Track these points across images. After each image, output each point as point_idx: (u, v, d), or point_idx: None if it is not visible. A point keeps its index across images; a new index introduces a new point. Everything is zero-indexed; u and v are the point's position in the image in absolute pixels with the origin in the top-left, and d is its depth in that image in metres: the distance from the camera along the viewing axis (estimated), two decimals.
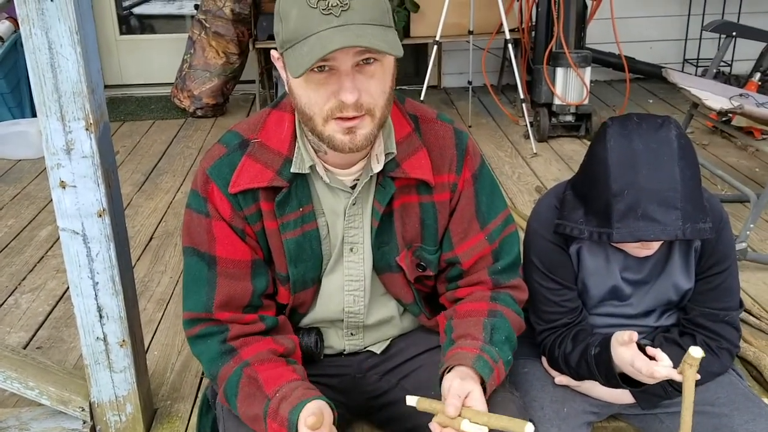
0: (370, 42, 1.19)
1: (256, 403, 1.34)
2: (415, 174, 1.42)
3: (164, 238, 3.18)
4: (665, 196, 1.41)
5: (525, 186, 3.62)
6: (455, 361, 1.36)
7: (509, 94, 5.14)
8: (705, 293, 1.64)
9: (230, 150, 1.41)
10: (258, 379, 1.35)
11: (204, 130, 4.67)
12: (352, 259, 1.48)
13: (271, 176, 1.38)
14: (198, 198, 1.41)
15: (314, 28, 1.20)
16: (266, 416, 1.32)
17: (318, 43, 1.19)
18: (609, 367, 1.52)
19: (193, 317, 1.43)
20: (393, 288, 1.52)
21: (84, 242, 1.72)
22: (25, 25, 1.55)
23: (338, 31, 1.19)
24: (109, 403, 1.89)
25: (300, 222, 1.42)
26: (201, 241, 1.42)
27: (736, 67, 5.11)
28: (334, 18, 1.20)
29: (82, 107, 1.62)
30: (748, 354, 2.12)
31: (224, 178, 1.39)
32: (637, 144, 1.44)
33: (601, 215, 1.47)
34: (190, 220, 1.43)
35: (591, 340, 1.59)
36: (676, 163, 1.42)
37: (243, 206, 1.40)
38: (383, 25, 1.24)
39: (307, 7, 1.21)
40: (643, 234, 1.42)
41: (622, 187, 1.43)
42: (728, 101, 3.01)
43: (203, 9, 4.81)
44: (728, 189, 3.42)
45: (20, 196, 3.69)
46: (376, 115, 1.29)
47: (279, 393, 1.32)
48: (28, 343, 2.43)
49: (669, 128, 1.46)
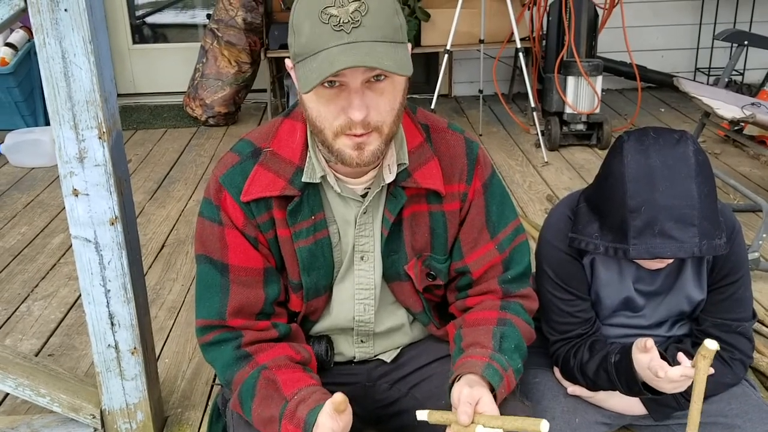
0: (377, 62, 1.19)
1: (273, 404, 1.34)
2: (426, 184, 1.42)
3: (176, 246, 3.19)
4: (682, 214, 1.40)
5: (536, 195, 3.61)
6: (464, 370, 1.35)
7: (520, 103, 5.13)
8: (717, 304, 1.63)
9: (243, 158, 1.42)
10: (277, 382, 1.35)
11: (216, 138, 4.69)
12: (363, 268, 1.48)
13: (283, 185, 1.38)
14: (211, 206, 1.42)
15: (325, 44, 1.21)
16: (282, 417, 1.31)
17: (326, 60, 1.19)
18: (630, 374, 1.51)
19: (207, 324, 1.43)
20: (402, 297, 1.52)
21: (96, 250, 1.73)
22: (39, 34, 1.57)
23: (347, 49, 1.19)
24: (120, 411, 1.89)
25: (312, 230, 1.42)
26: (214, 249, 1.42)
27: (747, 76, 5.09)
28: (345, 35, 1.20)
29: (95, 116, 1.63)
30: (761, 365, 2.11)
31: (237, 187, 1.39)
32: (654, 160, 1.43)
33: (617, 231, 1.46)
34: (202, 228, 1.44)
35: (610, 349, 1.58)
36: (693, 179, 1.42)
37: (256, 214, 1.40)
38: (395, 42, 1.24)
39: (319, 22, 1.21)
40: (660, 251, 1.41)
41: (639, 204, 1.43)
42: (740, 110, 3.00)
43: (215, 18, 4.83)
44: (740, 198, 3.40)
45: (33, 204, 3.71)
46: (384, 131, 1.29)
47: (297, 396, 1.33)
48: (39, 350, 2.44)
49: (686, 144, 1.45)
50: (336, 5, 1.20)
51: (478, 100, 4.66)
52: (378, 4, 1.22)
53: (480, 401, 1.28)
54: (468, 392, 1.28)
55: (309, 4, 1.23)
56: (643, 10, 5.17)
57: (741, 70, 5.07)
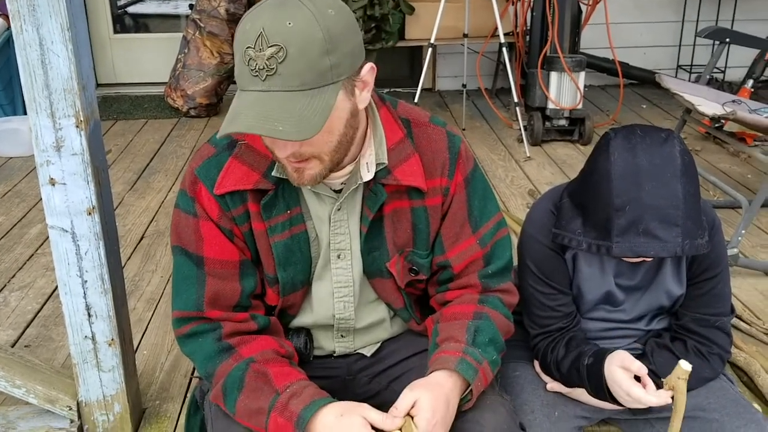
0: (270, 129, 1.16)
1: (262, 396, 1.33)
2: (407, 181, 1.40)
3: (155, 237, 3.16)
4: (667, 214, 1.41)
5: (518, 189, 3.62)
6: (438, 365, 1.36)
7: (503, 98, 5.14)
8: (696, 299, 1.64)
9: (218, 150, 1.40)
10: (268, 374, 1.34)
11: (197, 129, 4.65)
12: (340, 266, 1.47)
13: (256, 179, 1.37)
14: (186, 198, 1.41)
15: (245, 86, 1.21)
16: (271, 409, 1.30)
17: (233, 112, 1.20)
18: (599, 379, 1.53)
19: (183, 316, 1.42)
20: (383, 293, 1.52)
21: (73, 240, 1.71)
22: (15, 21, 1.54)
23: (254, 102, 1.18)
24: (97, 403, 1.87)
25: (288, 225, 1.41)
26: (189, 241, 1.41)
27: (729, 74, 5.12)
28: (259, 81, 1.18)
29: (72, 104, 1.61)
30: (738, 360, 2.12)
31: (212, 179, 1.38)
32: (641, 159, 1.43)
33: (600, 228, 1.46)
34: (178, 219, 1.43)
35: (585, 349, 1.59)
36: (679, 179, 1.42)
37: (231, 207, 1.39)
38: (316, 88, 1.19)
39: (242, 61, 1.20)
40: (643, 250, 1.42)
41: (625, 202, 1.43)
42: (721, 107, 3.02)
43: (198, 9, 4.79)
44: (720, 195, 3.43)
45: (11, 194, 3.67)
46: (325, 159, 1.28)
47: (289, 389, 1.32)
48: (16, 341, 2.41)
49: (673, 144, 1.45)
50: (255, 48, 1.17)
51: (462, 94, 4.66)
52: (299, 48, 1.16)
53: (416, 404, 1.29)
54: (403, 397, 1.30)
55: (239, 37, 1.21)
56: (626, 6, 5.19)
57: (722, 67, 5.11)
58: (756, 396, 2.03)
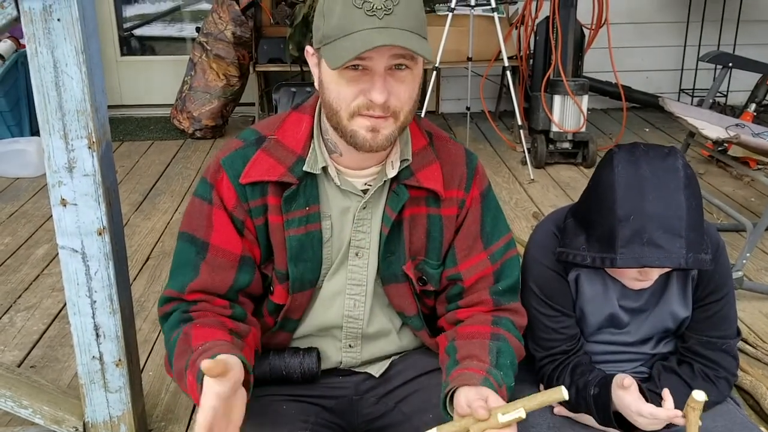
0: (410, 44, 1.25)
1: (183, 358, 1.33)
2: (428, 184, 1.45)
3: (161, 258, 3.17)
4: (671, 224, 1.41)
5: (522, 212, 3.63)
6: (462, 382, 1.34)
7: (507, 121, 5.17)
8: (702, 321, 1.63)
9: (246, 144, 1.44)
10: (189, 335, 1.35)
11: (203, 151, 4.68)
12: (357, 264, 1.49)
13: (282, 171, 1.40)
14: (206, 185, 1.44)
15: (357, 26, 1.26)
16: (186, 368, 1.30)
17: (360, 39, 1.24)
18: (607, 409, 1.52)
19: (170, 296, 1.44)
20: (397, 299, 1.53)
21: (83, 260, 1.72)
22: (31, 43, 1.57)
23: (381, 32, 1.25)
24: (104, 423, 1.88)
25: (305, 221, 1.43)
26: (198, 227, 1.43)
27: (731, 98, 5.15)
28: (377, 20, 1.25)
29: (85, 126, 1.63)
30: (744, 383, 2.12)
31: (236, 169, 1.42)
32: (644, 170, 1.45)
33: (604, 241, 1.47)
34: (192, 206, 1.46)
35: (590, 378, 1.58)
36: (682, 191, 1.43)
37: (249, 198, 1.42)
38: (419, 35, 1.29)
39: (352, 6, 1.26)
40: (647, 260, 1.42)
41: (628, 213, 1.43)
42: (724, 131, 3.04)
43: (204, 32, 4.84)
44: (724, 218, 3.44)
45: (17, 214, 3.68)
46: (401, 118, 1.34)
47: (202, 347, 1.31)
48: (22, 361, 2.42)
49: (676, 157, 1.47)
50: None
51: (465, 117, 4.69)
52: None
53: (488, 399, 1.28)
54: (475, 392, 1.29)
55: None
56: (628, 31, 5.23)
57: (725, 91, 5.14)
58: (762, 419, 2.03)
